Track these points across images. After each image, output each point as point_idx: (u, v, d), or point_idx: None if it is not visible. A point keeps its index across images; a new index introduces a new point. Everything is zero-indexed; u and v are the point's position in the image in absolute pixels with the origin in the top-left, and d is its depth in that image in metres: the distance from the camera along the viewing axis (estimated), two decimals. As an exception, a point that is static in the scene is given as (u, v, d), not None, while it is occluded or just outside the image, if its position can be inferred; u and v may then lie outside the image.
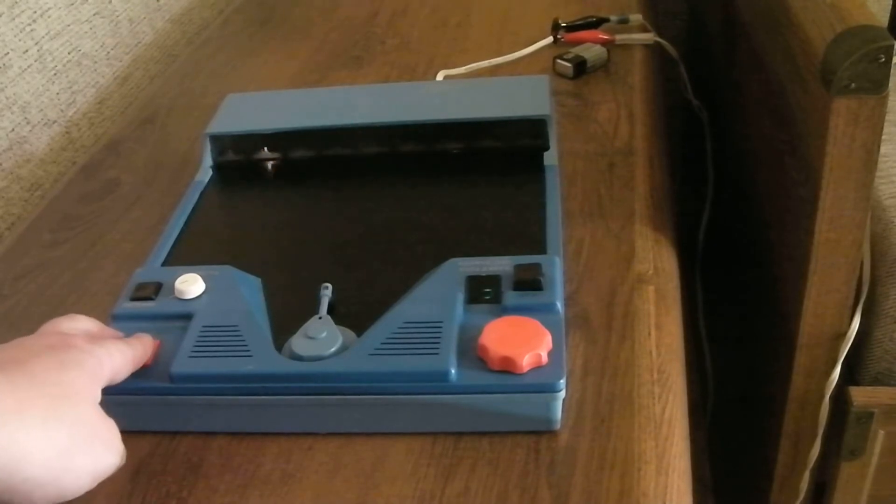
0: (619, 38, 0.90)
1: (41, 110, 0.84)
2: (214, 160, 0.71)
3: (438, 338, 0.48)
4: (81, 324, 0.47)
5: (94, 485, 0.41)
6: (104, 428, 0.42)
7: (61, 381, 0.41)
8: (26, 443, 0.38)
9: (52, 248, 0.69)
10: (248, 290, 0.54)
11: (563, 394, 0.47)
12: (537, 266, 0.53)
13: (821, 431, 0.69)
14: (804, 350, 0.66)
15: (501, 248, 0.56)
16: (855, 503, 0.73)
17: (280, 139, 0.70)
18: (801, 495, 0.74)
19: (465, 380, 0.47)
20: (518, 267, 0.53)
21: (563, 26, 0.91)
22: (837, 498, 0.73)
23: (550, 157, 0.66)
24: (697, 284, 1.11)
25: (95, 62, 0.93)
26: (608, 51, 0.87)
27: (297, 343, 0.49)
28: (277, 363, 0.48)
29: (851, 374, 0.70)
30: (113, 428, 0.43)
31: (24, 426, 0.38)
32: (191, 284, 0.54)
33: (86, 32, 0.92)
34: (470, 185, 0.65)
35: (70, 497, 0.40)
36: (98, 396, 0.43)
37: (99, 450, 0.41)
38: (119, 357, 0.46)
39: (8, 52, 0.80)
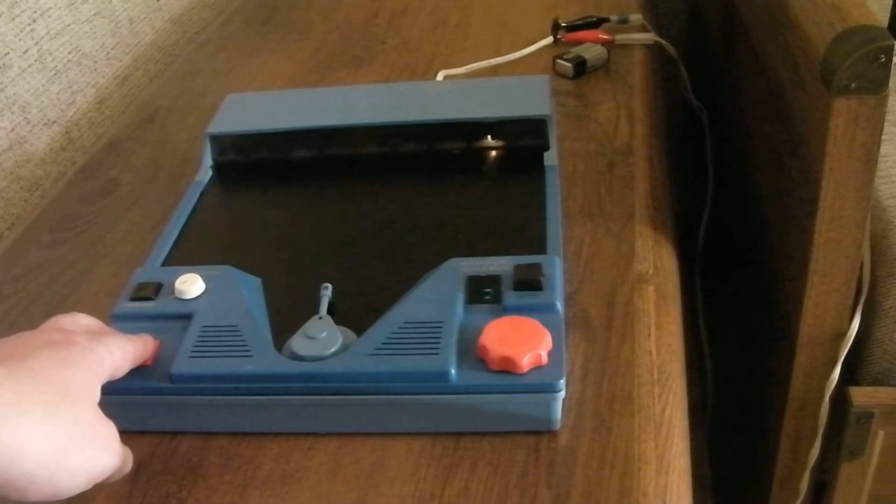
0: (620, 37, 0.90)
1: (41, 110, 0.84)
2: (214, 160, 0.71)
3: (438, 338, 0.48)
4: (83, 321, 0.47)
5: (89, 485, 0.41)
6: (103, 429, 0.42)
7: (62, 378, 0.41)
8: (24, 438, 0.38)
9: (52, 248, 0.69)
10: (248, 290, 0.54)
11: (563, 394, 0.47)
12: (537, 266, 0.53)
13: (821, 431, 0.69)
14: (804, 350, 0.66)
15: (501, 248, 0.56)
16: (855, 503, 0.73)
17: (280, 139, 0.70)
18: (801, 495, 0.74)
19: (465, 380, 0.47)
20: (518, 267, 0.53)
21: (563, 26, 0.91)
22: (837, 498, 0.73)
23: (550, 157, 0.66)
24: (697, 284, 1.11)
25: (95, 62, 0.93)
26: (608, 51, 0.87)
27: (297, 343, 0.49)
28: (277, 363, 0.48)
29: (851, 374, 0.70)
30: (111, 429, 0.43)
31: (22, 421, 0.38)
32: (191, 284, 0.54)
33: (86, 32, 0.92)
34: (470, 185, 0.65)
35: (64, 496, 0.40)
36: (98, 396, 0.43)
37: (96, 450, 0.41)
38: (119, 353, 0.46)
39: (8, 52, 0.80)
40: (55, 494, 0.40)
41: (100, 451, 0.41)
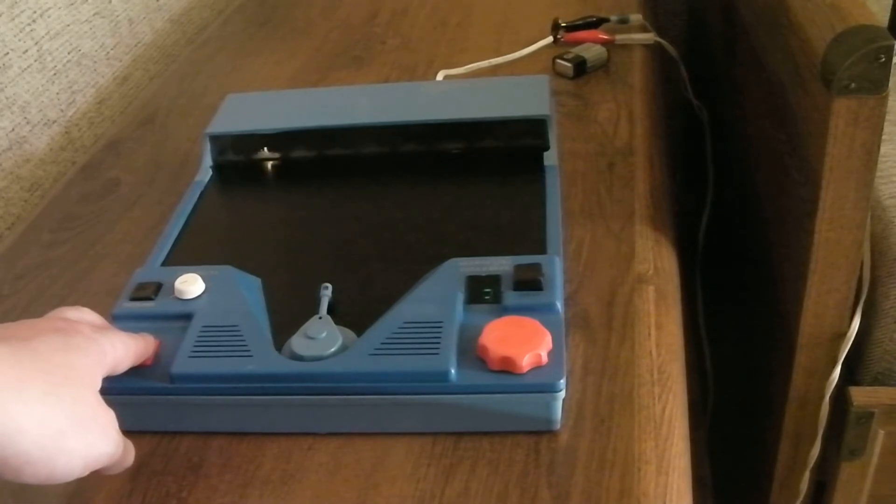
0: (619, 38, 0.90)
1: (41, 110, 0.84)
2: (214, 160, 0.71)
3: (438, 338, 0.48)
4: (87, 316, 0.47)
5: (85, 472, 0.41)
6: (102, 416, 0.42)
7: (65, 363, 0.41)
8: (23, 417, 0.37)
9: (52, 248, 0.69)
10: (248, 290, 0.54)
11: (563, 394, 0.47)
12: (537, 266, 0.53)
13: (821, 431, 0.69)
14: (804, 350, 0.66)
15: (501, 248, 0.56)
16: (855, 503, 0.73)
17: (280, 139, 0.70)
18: (801, 495, 0.74)
19: (465, 380, 0.47)
20: (518, 267, 0.53)
21: (563, 26, 0.91)
22: (837, 498, 0.73)
23: (550, 157, 0.66)
24: (697, 284, 1.11)
25: (95, 62, 0.93)
26: (608, 51, 0.87)
27: (297, 343, 0.49)
28: (277, 363, 0.48)
29: (851, 374, 0.70)
30: (111, 417, 0.43)
31: (22, 400, 0.38)
32: (191, 284, 0.54)
33: (86, 32, 0.92)
34: (470, 185, 0.65)
35: (59, 480, 0.40)
36: (99, 384, 0.43)
37: (95, 436, 0.41)
38: (121, 348, 0.46)
39: (8, 52, 0.80)
40: (50, 478, 0.39)
41: (99, 437, 0.41)
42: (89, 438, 0.41)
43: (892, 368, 0.69)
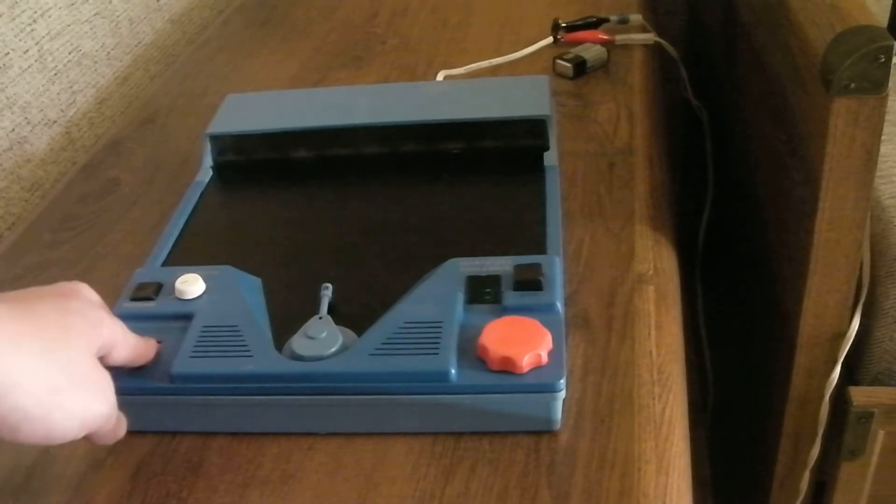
0: (619, 38, 0.90)
1: (41, 110, 0.84)
2: (214, 160, 0.71)
3: (438, 338, 0.48)
4: (94, 295, 0.47)
5: (82, 432, 0.41)
6: (98, 376, 0.42)
7: (62, 324, 0.41)
8: (19, 371, 0.38)
9: (52, 248, 0.69)
10: (248, 290, 0.54)
11: (563, 394, 0.47)
12: (537, 266, 0.53)
13: (821, 431, 0.69)
14: (804, 350, 0.66)
15: (501, 248, 0.56)
16: (855, 503, 0.73)
17: (280, 139, 0.70)
18: (801, 495, 0.74)
19: (465, 380, 0.47)
20: (518, 267, 0.53)
21: (563, 26, 0.91)
22: (837, 498, 0.73)
23: (550, 157, 0.66)
24: (697, 284, 1.11)
25: (95, 62, 0.93)
26: (608, 51, 0.87)
27: (298, 343, 0.49)
28: (277, 363, 0.49)
29: (851, 374, 0.70)
30: (107, 378, 0.43)
31: (19, 355, 0.38)
32: (191, 284, 0.54)
33: (86, 32, 0.92)
34: (470, 185, 0.65)
35: (57, 440, 0.40)
36: (95, 348, 0.43)
37: (90, 394, 0.41)
38: (119, 331, 0.46)
39: (8, 52, 0.80)
40: (48, 436, 0.40)
41: (94, 397, 0.42)
42: (85, 396, 0.41)
43: (892, 368, 0.69)
